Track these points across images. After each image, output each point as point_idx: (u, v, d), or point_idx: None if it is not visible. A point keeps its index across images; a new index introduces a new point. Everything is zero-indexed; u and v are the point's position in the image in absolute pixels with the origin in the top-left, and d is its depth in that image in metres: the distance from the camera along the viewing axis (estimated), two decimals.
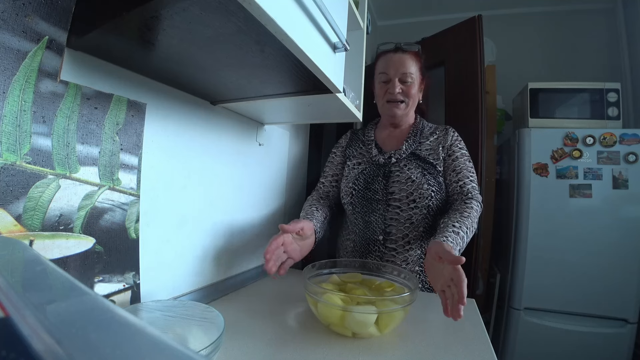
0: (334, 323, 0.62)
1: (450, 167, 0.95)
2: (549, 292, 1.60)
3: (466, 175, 0.93)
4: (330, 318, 0.62)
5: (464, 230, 0.75)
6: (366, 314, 0.59)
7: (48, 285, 0.23)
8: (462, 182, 0.92)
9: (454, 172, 0.94)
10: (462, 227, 0.75)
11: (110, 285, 0.58)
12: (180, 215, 0.74)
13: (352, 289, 0.71)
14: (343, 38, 0.59)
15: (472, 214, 0.82)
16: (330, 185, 1.09)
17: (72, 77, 0.50)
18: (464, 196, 0.90)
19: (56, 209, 0.49)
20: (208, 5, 0.37)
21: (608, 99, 1.67)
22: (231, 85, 0.68)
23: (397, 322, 0.63)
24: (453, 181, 0.93)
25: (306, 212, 0.93)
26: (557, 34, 2.19)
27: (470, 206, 0.84)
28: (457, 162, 0.94)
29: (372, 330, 0.61)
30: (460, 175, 0.93)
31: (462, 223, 0.77)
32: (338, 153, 1.11)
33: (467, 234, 0.77)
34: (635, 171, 1.53)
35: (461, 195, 0.91)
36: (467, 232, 0.77)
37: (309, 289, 0.65)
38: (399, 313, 0.62)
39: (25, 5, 0.43)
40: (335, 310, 0.61)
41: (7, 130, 0.43)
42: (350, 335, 0.62)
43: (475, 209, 0.85)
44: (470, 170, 0.94)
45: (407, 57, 0.96)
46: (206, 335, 0.50)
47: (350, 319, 0.60)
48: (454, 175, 0.94)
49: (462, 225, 0.76)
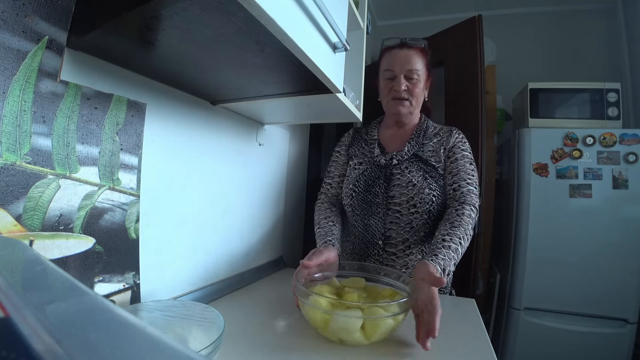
0: (320, 327, 0.60)
1: (448, 169, 0.92)
2: (549, 292, 1.60)
3: (463, 177, 0.90)
4: (316, 321, 0.60)
5: (455, 242, 0.75)
6: (350, 319, 0.56)
7: (48, 285, 0.23)
8: (457, 184, 0.89)
9: (450, 174, 0.92)
10: (453, 239, 0.75)
11: (110, 285, 0.58)
12: (180, 215, 0.74)
13: (347, 294, 0.67)
14: (343, 38, 0.59)
15: (464, 221, 0.80)
16: (338, 186, 1.06)
17: (72, 77, 0.50)
18: (456, 201, 0.88)
19: (56, 209, 0.49)
20: (208, 5, 0.37)
21: (608, 99, 1.67)
22: (231, 85, 0.68)
23: (387, 330, 0.58)
24: (449, 184, 0.91)
25: (324, 230, 0.91)
26: (557, 34, 2.19)
27: (462, 213, 0.82)
28: (456, 163, 0.91)
29: (359, 338, 0.57)
30: (456, 178, 0.90)
31: (453, 234, 0.76)
32: (342, 152, 1.08)
33: (461, 244, 0.76)
34: (635, 171, 1.53)
35: (454, 200, 0.89)
36: (461, 242, 0.76)
37: (297, 290, 0.63)
38: (386, 321, 0.57)
39: (25, 5, 0.43)
40: (319, 314, 0.58)
41: (7, 130, 0.43)
42: (337, 342, 0.60)
43: (468, 214, 0.82)
44: (469, 172, 0.91)
45: (413, 53, 0.93)
46: (206, 335, 0.50)
47: (334, 324, 0.57)
48: (450, 177, 0.91)
49: (453, 237, 0.76)
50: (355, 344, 0.59)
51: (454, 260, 0.73)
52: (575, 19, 2.16)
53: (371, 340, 0.58)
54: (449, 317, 0.75)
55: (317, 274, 0.78)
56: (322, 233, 0.91)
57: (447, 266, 0.70)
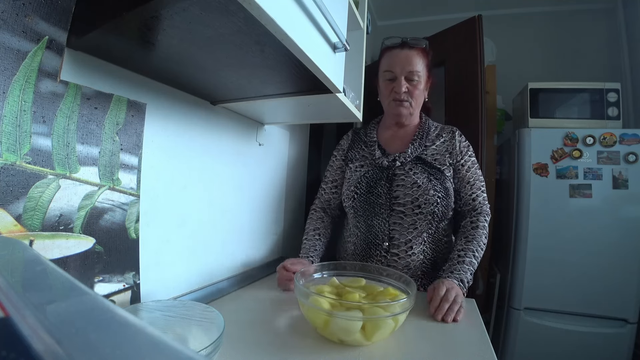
0: (319, 327, 0.60)
1: (464, 178, 0.95)
2: (549, 292, 1.60)
3: (478, 186, 0.95)
4: (316, 322, 0.59)
5: (470, 255, 0.86)
6: (351, 320, 0.56)
7: (48, 285, 0.23)
8: (475, 194, 0.94)
9: (468, 184, 0.95)
10: (467, 254, 0.86)
11: (110, 285, 0.58)
12: (180, 215, 0.74)
13: (347, 294, 0.67)
14: (343, 38, 0.59)
15: (477, 234, 0.89)
16: (331, 192, 1.07)
17: (72, 77, 0.50)
18: (474, 211, 0.94)
19: (56, 209, 0.49)
20: (208, 5, 0.37)
21: (608, 99, 1.67)
22: (231, 85, 0.68)
23: (387, 331, 0.58)
24: (467, 194, 0.95)
25: (310, 244, 0.99)
26: (557, 34, 2.19)
27: (476, 225, 0.91)
28: (470, 172, 0.95)
29: (359, 338, 0.57)
30: (474, 188, 0.94)
31: (467, 249, 0.87)
32: (338, 157, 1.08)
33: (475, 255, 0.86)
34: (635, 171, 1.53)
35: (472, 210, 0.95)
36: (474, 254, 0.86)
37: (297, 290, 0.63)
38: (386, 322, 0.57)
39: (25, 5, 0.43)
40: (319, 314, 0.58)
41: (7, 130, 0.43)
42: (337, 342, 0.59)
43: (482, 225, 0.91)
44: (481, 180, 0.96)
45: (413, 54, 0.92)
46: (206, 335, 0.50)
47: (334, 325, 0.57)
48: (469, 188, 0.95)
49: (467, 252, 0.86)
50: (355, 344, 0.59)
51: (470, 271, 0.84)
52: (575, 19, 2.16)
53: (371, 340, 0.58)
54: None
55: (317, 274, 0.78)
56: (307, 246, 0.99)
57: (464, 278, 0.81)
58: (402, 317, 0.60)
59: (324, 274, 0.79)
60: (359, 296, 0.66)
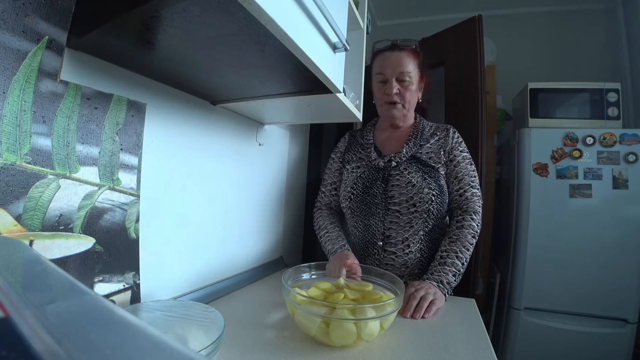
0: (316, 335, 0.58)
1: (452, 174, 0.94)
2: (549, 292, 1.60)
3: (467, 182, 0.93)
4: (311, 330, 0.58)
5: (452, 257, 0.86)
6: (346, 327, 0.55)
7: (48, 285, 0.23)
8: (463, 190, 0.93)
9: (455, 179, 0.94)
10: (449, 255, 0.86)
11: (110, 285, 0.58)
12: (180, 215, 0.74)
13: (332, 295, 0.66)
14: (343, 38, 0.59)
15: (462, 234, 0.89)
16: (330, 194, 1.09)
17: (72, 77, 0.50)
18: (460, 209, 0.94)
19: (56, 209, 0.49)
20: (208, 5, 0.37)
21: (608, 99, 1.67)
22: (231, 85, 0.68)
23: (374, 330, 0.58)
24: (455, 190, 0.94)
25: (334, 235, 0.99)
26: (557, 34, 2.19)
27: (461, 225, 0.90)
28: (459, 167, 0.94)
29: (353, 337, 0.56)
30: (462, 184, 0.93)
31: (449, 250, 0.87)
32: (336, 159, 1.09)
33: (458, 256, 0.86)
34: (635, 171, 1.53)
35: (458, 208, 0.94)
36: (457, 255, 0.86)
37: (288, 296, 0.61)
38: (376, 323, 0.57)
39: (25, 5, 0.43)
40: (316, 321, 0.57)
41: (7, 130, 0.43)
42: (337, 345, 0.58)
43: (468, 224, 0.90)
44: (471, 175, 0.94)
45: (404, 55, 0.93)
46: (206, 335, 0.50)
47: (330, 332, 0.56)
48: (456, 183, 0.94)
49: (449, 253, 0.87)
50: (349, 344, 0.58)
51: (452, 272, 0.84)
52: (575, 19, 2.16)
53: (362, 339, 0.57)
54: (449, 317, 0.75)
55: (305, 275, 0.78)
56: (333, 237, 0.97)
57: (444, 279, 0.82)
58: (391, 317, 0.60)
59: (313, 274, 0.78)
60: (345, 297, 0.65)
